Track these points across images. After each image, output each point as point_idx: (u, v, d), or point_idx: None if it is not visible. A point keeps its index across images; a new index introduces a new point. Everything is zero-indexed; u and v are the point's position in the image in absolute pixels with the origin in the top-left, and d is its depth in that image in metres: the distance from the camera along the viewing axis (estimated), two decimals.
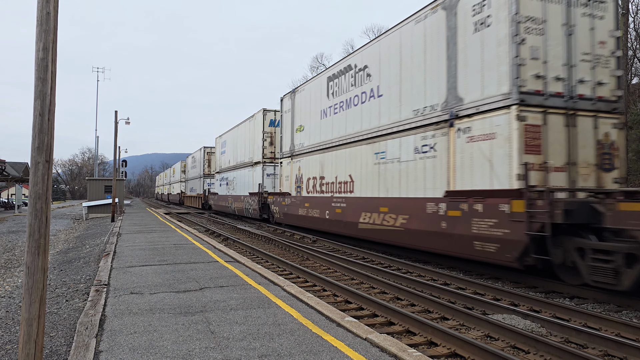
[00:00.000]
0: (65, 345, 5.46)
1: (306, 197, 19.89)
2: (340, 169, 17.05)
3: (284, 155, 23.12)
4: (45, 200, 4.03)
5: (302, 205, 20.21)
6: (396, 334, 6.51)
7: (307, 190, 20.01)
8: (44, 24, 4.07)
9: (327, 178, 18.13)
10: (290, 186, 22.01)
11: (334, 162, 17.57)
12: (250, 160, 28.91)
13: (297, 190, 21.08)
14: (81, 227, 27.17)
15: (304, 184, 20.31)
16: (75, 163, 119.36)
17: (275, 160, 26.35)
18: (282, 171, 23.27)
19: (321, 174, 18.69)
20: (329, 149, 18.04)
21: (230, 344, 5.09)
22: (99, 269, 10.11)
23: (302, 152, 20.81)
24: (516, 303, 8.17)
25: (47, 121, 4.05)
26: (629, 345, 5.67)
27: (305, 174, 20.32)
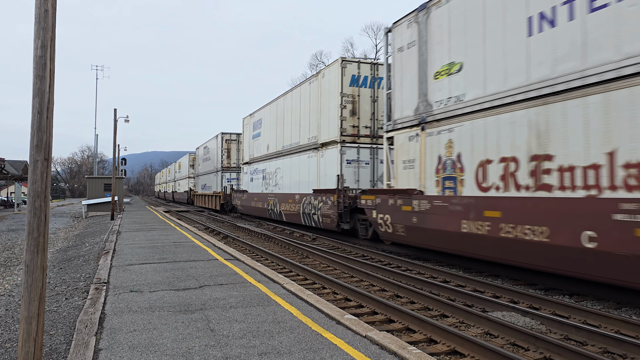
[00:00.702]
0: (65, 344, 5.46)
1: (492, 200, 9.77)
2: None
3: (404, 122, 13.01)
4: (44, 199, 4.02)
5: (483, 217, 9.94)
6: (396, 331, 6.52)
7: (483, 184, 10.07)
8: (42, 22, 4.05)
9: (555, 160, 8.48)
10: (422, 178, 12.10)
11: None
12: (313, 142, 19.59)
13: (443, 185, 11.33)
14: (81, 225, 27.17)
15: (471, 173, 10.45)
16: (75, 161, 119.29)
17: (359, 139, 17.60)
18: (398, 153, 13.15)
19: (532, 152, 8.94)
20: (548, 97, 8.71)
21: (230, 341, 5.09)
22: (99, 267, 10.11)
23: (459, 112, 10.92)
24: (516, 300, 8.18)
25: (46, 119, 4.04)
26: (628, 342, 5.68)
27: (472, 154, 10.49)
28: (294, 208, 20.83)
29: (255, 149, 28.47)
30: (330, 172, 17.99)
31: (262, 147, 27.05)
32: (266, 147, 26.31)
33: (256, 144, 28.42)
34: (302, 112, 21.07)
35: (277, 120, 24.57)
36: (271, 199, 24.08)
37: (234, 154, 37.75)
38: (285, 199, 22.09)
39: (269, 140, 25.77)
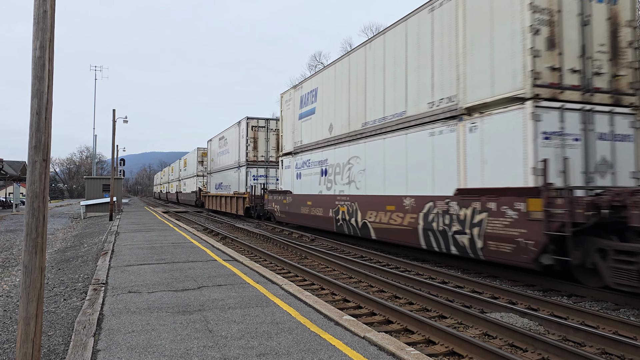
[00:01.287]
0: (63, 344, 5.45)
1: None
2: None
3: None
4: (42, 199, 4.02)
5: None
6: (394, 332, 6.52)
7: None
8: (41, 22, 4.06)
9: None
10: None
11: None
12: (445, 107, 11.51)
13: None
14: (79, 226, 27.13)
15: None
16: (73, 162, 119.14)
17: (561, 94, 9.36)
18: None
19: None
20: None
21: (228, 342, 5.09)
22: (97, 267, 10.10)
23: None
24: (514, 301, 8.19)
25: (45, 120, 4.04)
26: (626, 343, 5.69)
27: None
28: (401, 220, 12.85)
29: (306, 133, 20.34)
30: (498, 156, 9.89)
31: (319, 130, 18.97)
32: (326, 128, 18.18)
33: (307, 127, 20.29)
34: (414, 61, 12.74)
35: (350, 85, 16.23)
36: (343, 203, 16.15)
37: (262, 144, 30.35)
38: (377, 204, 14.07)
39: (333, 118, 17.63)
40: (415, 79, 12.64)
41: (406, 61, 13.11)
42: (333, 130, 17.66)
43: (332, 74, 17.92)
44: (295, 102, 21.92)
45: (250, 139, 30.13)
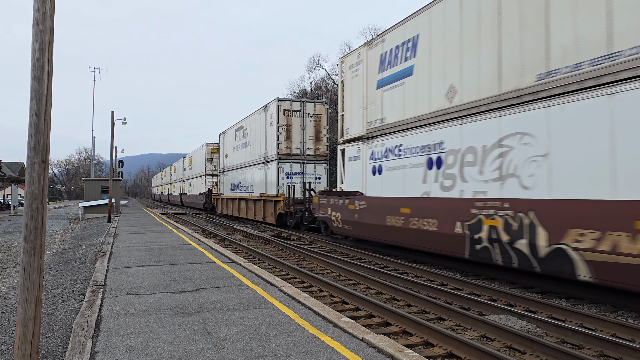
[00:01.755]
0: (61, 346, 5.44)
1: None
2: None
3: None
4: (41, 201, 4.02)
5: None
6: (393, 334, 6.52)
7: None
8: (41, 24, 4.06)
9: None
10: None
11: None
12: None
13: None
14: (77, 228, 27.10)
15: None
16: (72, 163, 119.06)
17: None
18: None
19: None
20: None
21: (226, 344, 5.08)
22: (95, 269, 10.09)
23: None
24: (512, 303, 8.20)
25: (44, 121, 4.04)
26: (624, 345, 5.70)
27: None
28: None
29: (392, 107, 13.71)
30: None
31: (421, 99, 12.38)
32: (441, 93, 11.59)
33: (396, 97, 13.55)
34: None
35: (504, 12, 9.64)
36: (494, 214, 9.73)
37: (297, 133, 24.14)
38: (591, 217, 7.69)
39: (457, 76, 11.13)
40: None
41: None
42: (458, 95, 11.14)
43: (457, 3, 11.27)
44: (369, 64, 15.23)
45: (283, 126, 23.81)
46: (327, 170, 24.93)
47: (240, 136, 31.05)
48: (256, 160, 27.22)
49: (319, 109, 24.94)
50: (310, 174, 24.27)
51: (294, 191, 22.83)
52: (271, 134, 24.65)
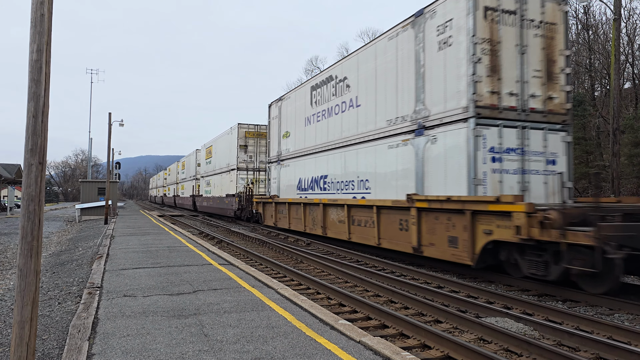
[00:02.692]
0: (57, 348, 5.43)
1: None
2: None
3: None
4: (38, 203, 4.02)
5: None
6: (390, 336, 6.53)
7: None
8: (38, 26, 4.06)
9: None
10: None
11: None
12: None
13: None
14: (74, 230, 27.02)
15: None
16: (69, 165, 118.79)
17: None
18: None
19: None
20: None
21: (223, 346, 5.08)
22: (92, 271, 10.06)
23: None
24: (509, 306, 8.21)
25: (41, 123, 4.04)
26: (620, 348, 5.71)
27: None
28: None
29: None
30: None
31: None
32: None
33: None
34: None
35: None
36: None
37: (510, 61, 10.87)
38: None
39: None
40: None
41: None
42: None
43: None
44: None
45: (486, 41, 10.80)
46: (567, 147, 11.38)
47: (328, 95, 17.84)
48: (386, 128, 13.87)
49: (551, 12, 11.35)
50: (538, 152, 11.12)
51: None
52: (453, 58, 11.13)
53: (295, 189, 20.85)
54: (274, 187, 23.32)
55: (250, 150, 31.25)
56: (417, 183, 12.43)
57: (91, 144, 57.80)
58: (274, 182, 23.41)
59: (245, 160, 31.13)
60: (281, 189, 22.44)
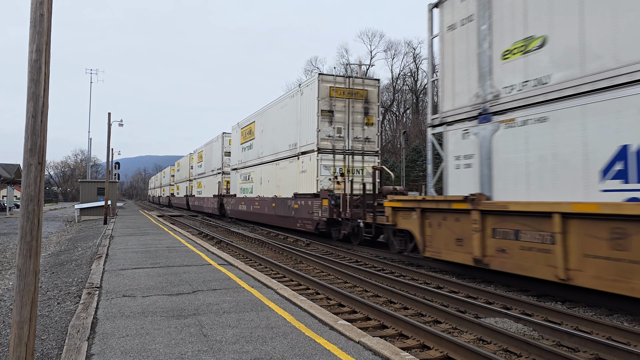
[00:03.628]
0: (56, 349, 5.42)
1: None
2: None
3: None
4: (37, 203, 4.01)
5: None
6: (389, 337, 6.53)
7: None
8: (38, 26, 4.06)
9: None
10: None
11: None
12: None
13: None
14: (73, 230, 27.00)
15: None
16: (68, 165, 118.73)
17: None
18: None
19: None
20: None
21: (223, 347, 5.07)
22: (91, 271, 10.05)
23: None
24: (508, 306, 8.21)
25: (40, 123, 4.03)
26: (619, 348, 5.72)
27: None
28: None
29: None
30: None
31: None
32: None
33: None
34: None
35: None
36: None
37: None
38: None
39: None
40: None
41: None
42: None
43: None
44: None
45: None
46: None
47: None
48: None
49: None
50: None
51: None
52: None
53: None
54: (467, 176, 11.04)
55: (338, 119, 18.65)
56: None
57: (90, 144, 57.78)
58: (464, 169, 11.18)
59: (330, 137, 18.68)
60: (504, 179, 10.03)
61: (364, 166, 19.11)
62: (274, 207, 22.75)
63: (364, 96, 19.02)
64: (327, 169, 18.67)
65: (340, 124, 18.72)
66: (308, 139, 19.39)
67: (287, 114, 21.85)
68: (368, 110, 19.17)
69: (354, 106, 18.88)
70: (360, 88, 18.97)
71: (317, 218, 18.03)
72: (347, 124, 18.84)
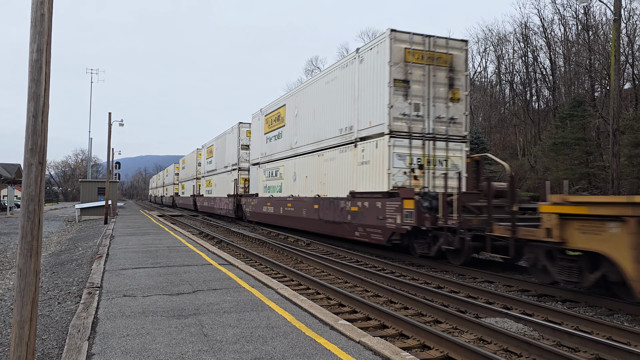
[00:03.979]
0: (57, 348, 5.43)
1: None
2: None
3: None
4: (38, 202, 4.02)
5: None
6: (389, 337, 6.53)
7: None
8: (39, 26, 4.06)
9: None
10: None
11: None
12: None
13: None
14: (74, 229, 27.02)
15: None
16: (68, 165, 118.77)
17: None
18: None
19: None
20: None
21: (223, 347, 5.08)
22: (92, 271, 10.06)
23: None
24: (509, 306, 8.21)
25: (41, 123, 4.04)
26: (619, 348, 5.72)
27: None
28: None
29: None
30: None
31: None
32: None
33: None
34: None
35: None
36: None
37: None
38: None
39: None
40: None
41: None
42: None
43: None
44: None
45: None
46: None
47: None
48: None
49: None
50: None
51: None
52: None
53: None
54: None
55: (415, 93, 14.36)
56: None
57: (91, 143, 57.79)
58: None
59: (405, 115, 14.20)
60: None
61: (448, 156, 14.41)
62: (317, 210, 17.96)
63: (449, 62, 14.58)
64: (402, 159, 13.92)
65: (418, 98, 14.21)
66: (373, 118, 14.69)
67: (337, 90, 17.23)
68: (453, 82, 14.59)
69: (435, 75, 14.41)
70: (444, 52, 14.54)
71: (391, 226, 13.15)
72: (426, 100, 14.30)
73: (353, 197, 15.33)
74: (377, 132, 14.38)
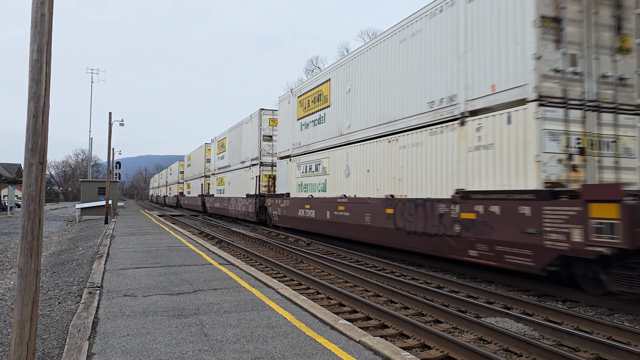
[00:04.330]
0: (57, 348, 5.43)
1: None
2: None
3: None
4: (38, 202, 4.02)
5: None
6: (389, 336, 6.53)
7: None
8: (39, 26, 4.06)
9: None
10: None
11: None
12: None
13: None
14: (74, 229, 27.03)
15: None
16: (69, 164, 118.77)
17: None
18: None
19: None
20: None
21: (223, 346, 5.08)
22: (92, 271, 10.06)
23: None
24: (509, 306, 8.21)
25: (41, 123, 4.04)
26: (620, 348, 5.72)
27: None
28: None
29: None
30: None
31: None
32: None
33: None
34: None
35: None
36: None
37: None
38: None
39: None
40: None
41: None
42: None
43: None
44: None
45: None
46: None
47: None
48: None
49: None
50: None
51: None
52: None
53: None
54: None
55: (571, 39, 9.50)
56: None
57: (91, 143, 57.77)
58: None
59: (559, 72, 9.26)
60: None
61: (617, 134, 9.57)
62: (391, 216, 13.21)
63: None
64: (555, 139, 9.15)
65: (575, 47, 9.45)
66: (500, 80, 9.99)
67: (424, 47, 12.46)
68: (621, 23, 9.82)
69: (597, 13, 9.63)
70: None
71: (556, 245, 8.29)
72: (586, 49, 9.52)
73: (465, 199, 10.45)
74: (508, 99, 9.74)
